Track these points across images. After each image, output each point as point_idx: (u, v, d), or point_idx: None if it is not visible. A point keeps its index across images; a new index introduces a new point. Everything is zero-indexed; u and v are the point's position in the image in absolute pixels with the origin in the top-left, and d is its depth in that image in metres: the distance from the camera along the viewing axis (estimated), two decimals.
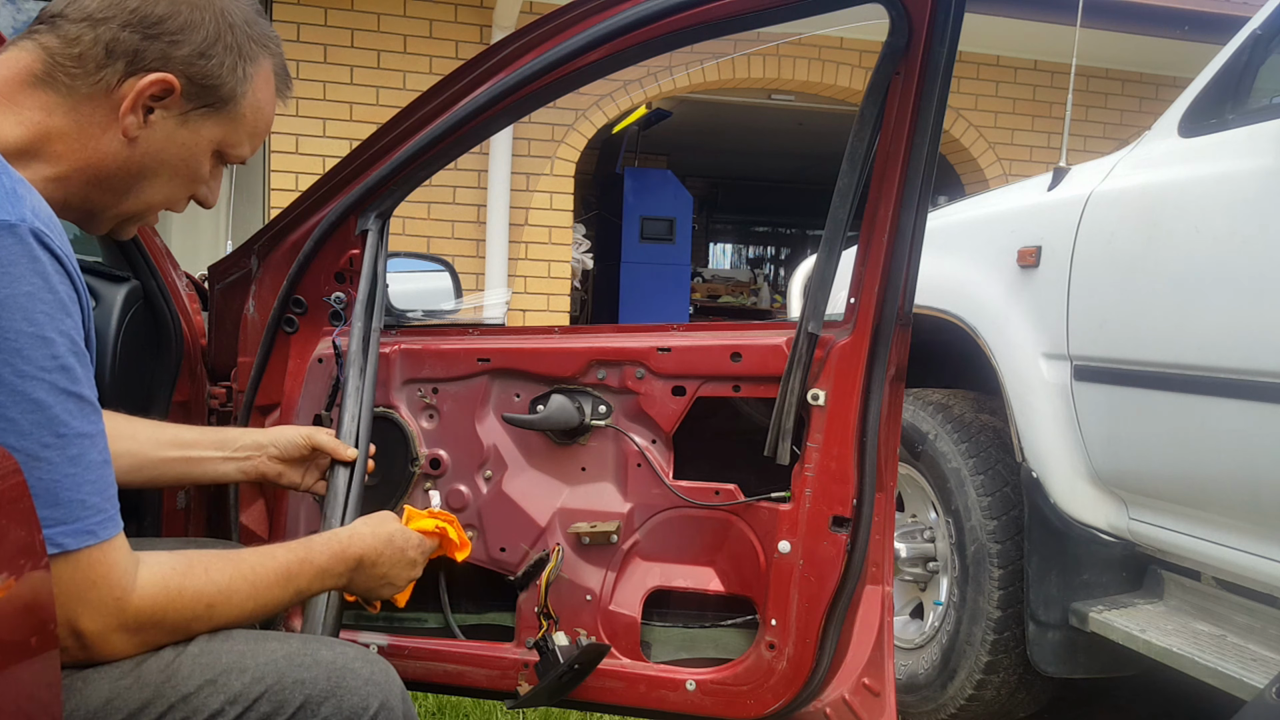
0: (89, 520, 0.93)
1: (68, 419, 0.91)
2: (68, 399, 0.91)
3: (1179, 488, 2.11)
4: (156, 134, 1.08)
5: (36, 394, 0.88)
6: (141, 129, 1.07)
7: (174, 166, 1.11)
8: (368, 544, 1.26)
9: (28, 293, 0.88)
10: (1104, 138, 6.71)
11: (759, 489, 1.65)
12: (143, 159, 1.08)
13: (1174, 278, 2.06)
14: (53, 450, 0.90)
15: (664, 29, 1.49)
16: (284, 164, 5.80)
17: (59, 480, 0.90)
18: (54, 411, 0.90)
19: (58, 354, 0.90)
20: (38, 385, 0.88)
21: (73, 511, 0.91)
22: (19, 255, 0.88)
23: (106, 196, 1.10)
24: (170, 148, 1.10)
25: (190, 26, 1.07)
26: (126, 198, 1.11)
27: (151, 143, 1.08)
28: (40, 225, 0.91)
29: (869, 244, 1.56)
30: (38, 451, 0.88)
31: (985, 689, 2.46)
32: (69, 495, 0.91)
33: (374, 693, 1.09)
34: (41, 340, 0.89)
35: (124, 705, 1.00)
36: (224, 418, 1.86)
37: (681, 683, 1.67)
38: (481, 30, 6.00)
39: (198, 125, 1.11)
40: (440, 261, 2.51)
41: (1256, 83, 2.11)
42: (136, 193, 1.11)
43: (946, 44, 1.45)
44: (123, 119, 1.05)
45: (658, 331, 1.71)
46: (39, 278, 0.89)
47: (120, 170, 1.08)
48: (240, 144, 1.16)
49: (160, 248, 1.85)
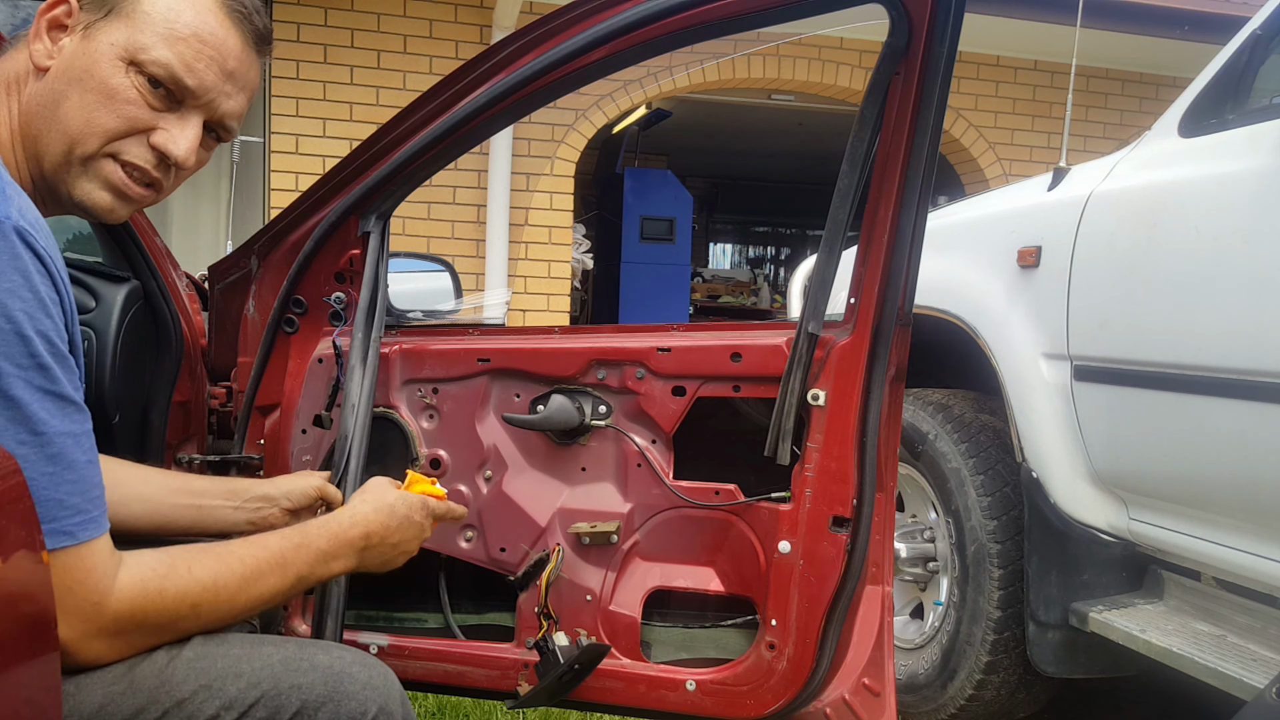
0: (66, 521, 0.91)
1: (46, 417, 0.89)
2: (45, 397, 0.89)
3: (1179, 488, 2.11)
4: (64, 56, 1.06)
5: (12, 391, 0.87)
6: (51, 58, 1.06)
7: (80, 79, 1.05)
8: (371, 521, 1.23)
9: (7, 289, 0.87)
10: (1104, 138, 6.71)
11: (759, 489, 1.65)
12: (53, 83, 1.05)
13: (1174, 278, 2.06)
14: (28, 448, 0.88)
15: (664, 29, 1.49)
16: (284, 164, 5.80)
17: (34, 479, 0.87)
18: (31, 409, 0.88)
19: (35, 352, 0.89)
20: (13, 382, 0.87)
21: (49, 511, 0.89)
22: (0, 251, 0.87)
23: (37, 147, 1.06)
24: (76, 63, 1.06)
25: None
26: (49, 136, 1.06)
27: (60, 66, 1.06)
28: (25, 224, 0.90)
29: (869, 244, 1.56)
30: (13, 449, 0.86)
31: (985, 689, 2.46)
32: (45, 494, 0.89)
33: (372, 697, 1.09)
34: (19, 337, 0.87)
35: (117, 711, 0.99)
36: (224, 418, 1.86)
37: (681, 683, 1.67)
38: (481, 30, 6.00)
39: (97, 34, 1.06)
40: (440, 262, 2.51)
41: (1256, 83, 2.11)
42: (55, 124, 1.05)
43: (946, 44, 1.45)
44: (31, 50, 1.04)
45: (658, 331, 1.71)
46: (19, 275, 0.88)
47: (40, 106, 1.05)
48: (151, 46, 1.06)
49: (160, 248, 1.85)
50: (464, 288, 2.36)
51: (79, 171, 1.07)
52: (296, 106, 5.80)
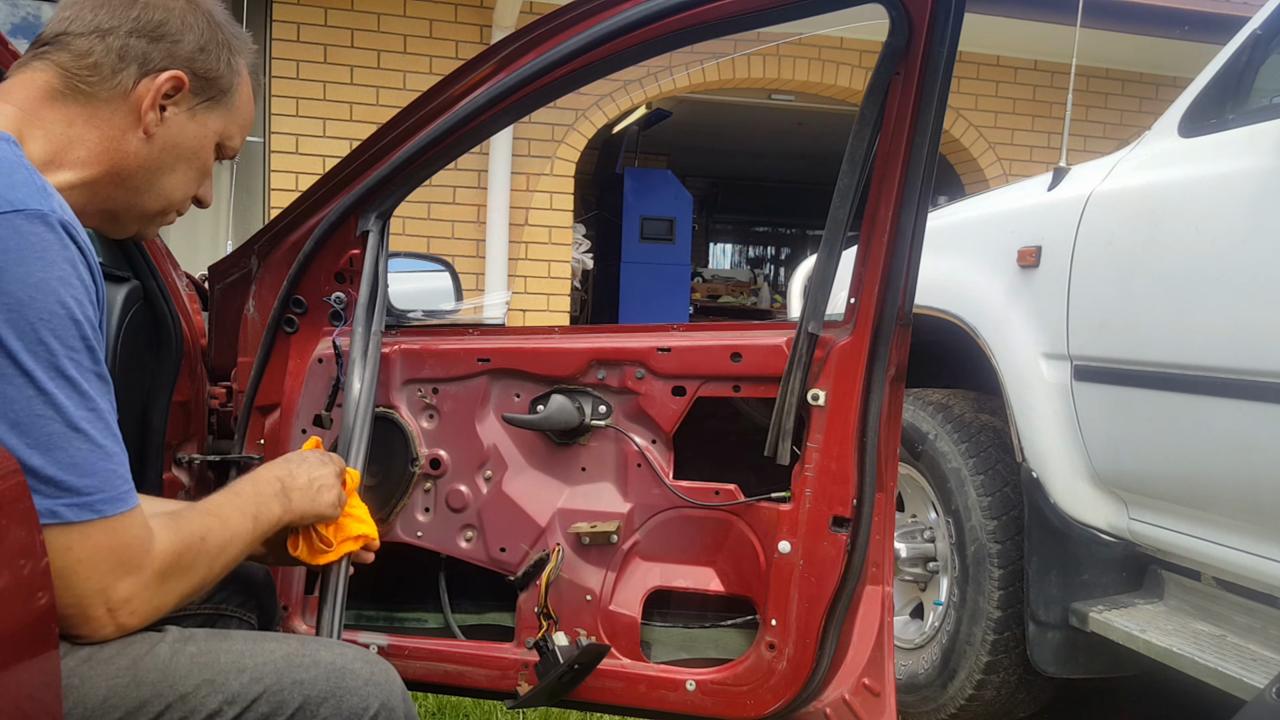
0: (121, 488, 0.98)
1: (96, 396, 0.97)
2: (95, 378, 0.97)
3: (1179, 488, 2.11)
4: (171, 129, 1.16)
5: (69, 371, 0.94)
6: (159, 126, 1.15)
7: (188, 159, 1.19)
8: (272, 469, 1.29)
9: (60, 277, 0.95)
10: (1104, 138, 6.70)
11: (759, 489, 1.65)
12: (161, 154, 1.16)
13: (1174, 278, 2.06)
14: (89, 424, 0.95)
15: (664, 29, 1.49)
16: (284, 164, 5.80)
17: (94, 451, 0.95)
18: (83, 388, 0.95)
19: (84, 335, 0.96)
20: (70, 363, 0.94)
21: (109, 480, 0.97)
22: (53, 242, 0.95)
23: (130, 195, 1.17)
24: (184, 140, 1.18)
25: (186, 27, 1.16)
26: (148, 194, 1.18)
27: (168, 138, 1.16)
28: (69, 219, 0.98)
29: (869, 244, 1.56)
30: (79, 424, 0.94)
31: (985, 689, 2.46)
32: (104, 465, 0.96)
33: (374, 693, 1.09)
34: (72, 322, 0.95)
35: (121, 704, 1.00)
36: (224, 418, 1.86)
37: (681, 683, 1.67)
38: (481, 30, 6.00)
39: (204, 118, 1.19)
40: (440, 261, 2.51)
41: (1256, 83, 2.11)
42: (157, 188, 1.18)
43: (946, 44, 1.45)
44: (144, 116, 1.13)
45: (658, 331, 1.71)
46: (69, 265, 0.96)
47: (141, 167, 1.15)
48: (234, 135, 1.25)
49: (160, 248, 1.85)
50: (464, 288, 2.36)
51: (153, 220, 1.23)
52: (296, 106, 5.80)
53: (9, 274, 0.91)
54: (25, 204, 0.94)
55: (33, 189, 0.97)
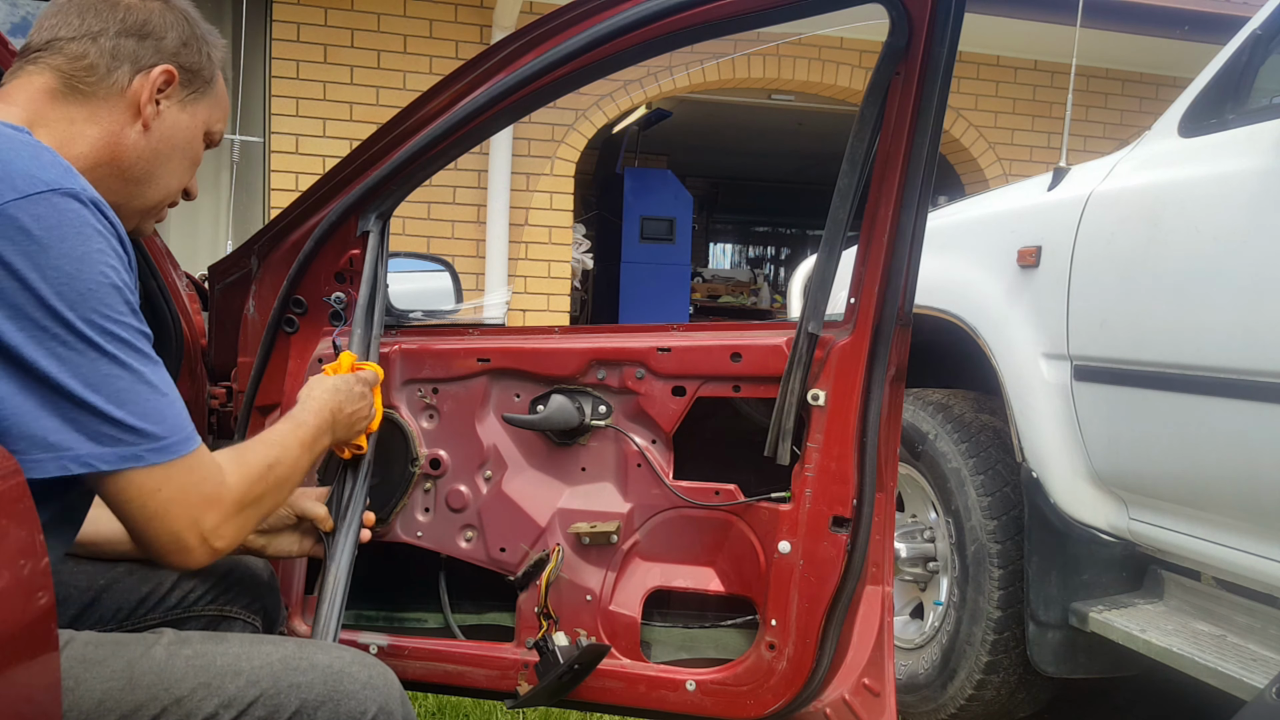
0: (188, 428, 1.06)
1: (148, 352, 1.04)
2: (143, 337, 1.04)
3: (1179, 488, 2.11)
4: (166, 121, 1.22)
5: (122, 334, 1.01)
6: (156, 119, 1.21)
7: (182, 148, 1.25)
8: (327, 401, 1.38)
9: (99, 250, 1.00)
10: (1104, 138, 6.70)
11: (759, 489, 1.65)
12: (158, 145, 1.22)
13: (1174, 277, 2.06)
14: (152, 376, 1.03)
15: (664, 29, 1.49)
16: (284, 164, 5.80)
17: (162, 399, 1.03)
18: (138, 345, 1.02)
19: (127, 299, 1.03)
20: (120, 327, 1.01)
21: (179, 424, 1.04)
22: (89, 218, 1.01)
23: (130, 187, 1.21)
24: (178, 131, 1.24)
25: (167, 25, 1.22)
26: (147, 185, 1.23)
27: (163, 129, 1.22)
28: (96, 194, 1.04)
29: (869, 244, 1.56)
30: (145, 377, 1.01)
31: (985, 689, 2.46)
32: (172, 411, 1.04)
33: (372, 697, 1.09)
34: (116, 289, 1.01)
35: (116, 707, 1.00)
36: (224, 418, 1.86)
37: (681, 683, 1.67)
38: (481, 30, 6.00)
39: (193, 108, 1.25)
40: (440, 262, 2.51)
41: (1256, 83, 2.10)
42: (155, 178, 1.23)
43: (946, 44, 1.45)
44: (143, 110, 1.19)
45: (658, 331, 1.71)
46: (103, 239, 1.01)
47: (140, 159, 1.20)
48: (217, 123, 1.31)
49: (160, 247, 1.85)
50: (464, 288, 2.36)
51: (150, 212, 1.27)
52: (296, 106, 5.80)
53: (54, 250, 0.96)
54: (59, 183, 0.99)
55: (61, 169, 1.02)
